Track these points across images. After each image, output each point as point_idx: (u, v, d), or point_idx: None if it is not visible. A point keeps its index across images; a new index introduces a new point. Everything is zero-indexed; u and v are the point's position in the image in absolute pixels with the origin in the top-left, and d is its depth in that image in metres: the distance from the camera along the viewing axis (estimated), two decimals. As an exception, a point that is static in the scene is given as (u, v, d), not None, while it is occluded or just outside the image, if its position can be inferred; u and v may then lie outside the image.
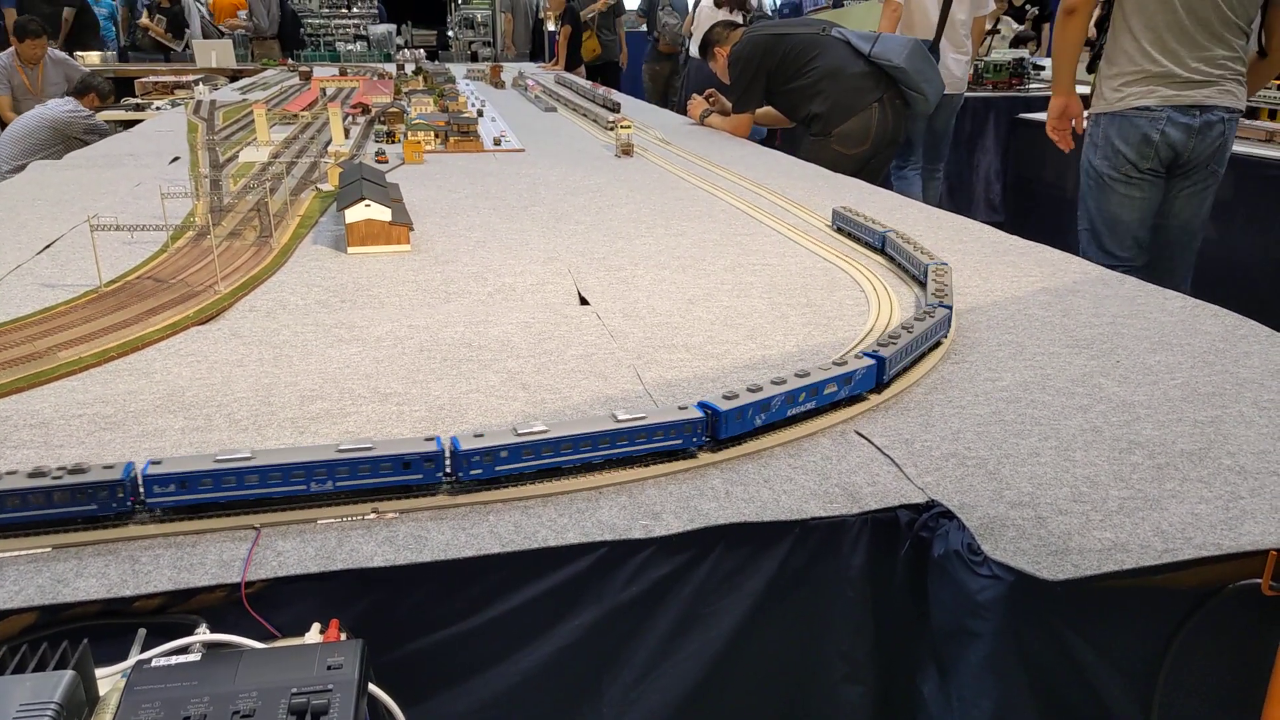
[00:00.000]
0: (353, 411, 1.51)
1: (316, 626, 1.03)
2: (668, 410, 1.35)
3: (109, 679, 0.93)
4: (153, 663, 0.92)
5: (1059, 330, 1.92)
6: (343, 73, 7.56)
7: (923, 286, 2.08)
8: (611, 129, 4.51)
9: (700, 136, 4.82)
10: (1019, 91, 6.94)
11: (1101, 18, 3.66)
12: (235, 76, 8.66)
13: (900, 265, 2.31)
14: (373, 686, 0.95)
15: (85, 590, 1.05)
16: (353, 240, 2.45)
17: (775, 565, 1.23)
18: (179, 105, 6.35)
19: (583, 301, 2.10)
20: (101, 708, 0.88)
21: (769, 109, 4.77)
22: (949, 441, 1.43)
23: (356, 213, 2.44)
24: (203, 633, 1.00)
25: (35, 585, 1.05)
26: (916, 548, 1.25)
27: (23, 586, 1.05)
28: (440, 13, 15.77)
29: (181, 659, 0.93)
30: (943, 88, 4.62)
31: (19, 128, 6.08)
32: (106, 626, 1.04)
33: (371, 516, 1.20)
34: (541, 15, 12.74)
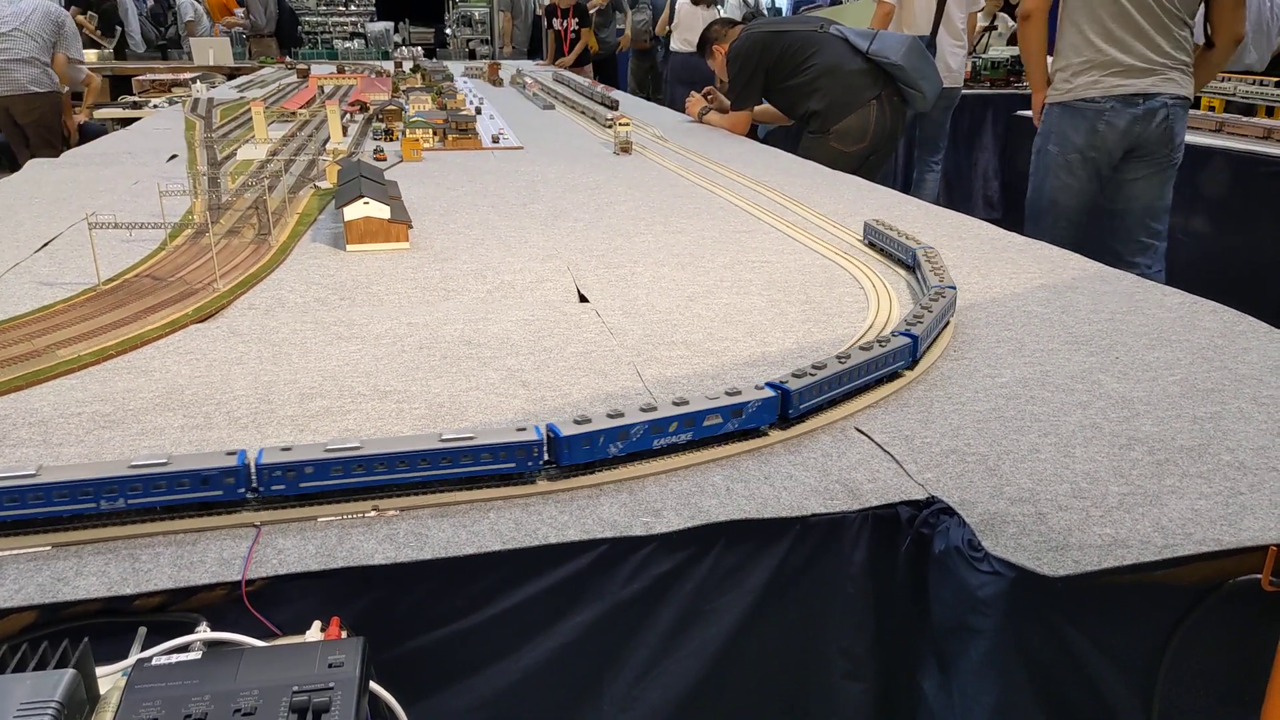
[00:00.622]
0: (352, 409, 1.51)
1: (317, 624, 1.03)
2: (502, 430, 1.26)
3: (110, 677, 0.93)
4: (153, 661, 0.92)
5: (1058, 327, 1.92)
6: (340, 70, 7.55)
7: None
8: (610, 126, 4.51)
9: (699, 134, 4.82)
10: (1016, 89, 6.94)
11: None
12: (233, 74, 8.65)
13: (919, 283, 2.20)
14: (374, 684, 0.95)
15: (85, 589, 1.05)
16: (351, 238, 2.45)
17: (776, 562, 1.23)
18: (176, 103, 6.35)
19: (582, 299, 2.10)
20: (102, 706, 0.88)
21: (767, 106, 4.77)
22: (949, 438, 1.43)
23: (355, 210, 2.44)
24: (203, 631, 1.00)
25: (35, 584, 1.05)
26: (917, 544, 1.25)
27: (23, 585, 1.05)
28: (438, 10, 15.76)
29: (182, 657, 0.92)
30: (940, 85, 4.62)
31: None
32: (107, 625, 1.03)
33: (372, 514, 1.19)
34: (539, 12, 12.80)
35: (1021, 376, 1.67)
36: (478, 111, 5.12)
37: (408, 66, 7.79)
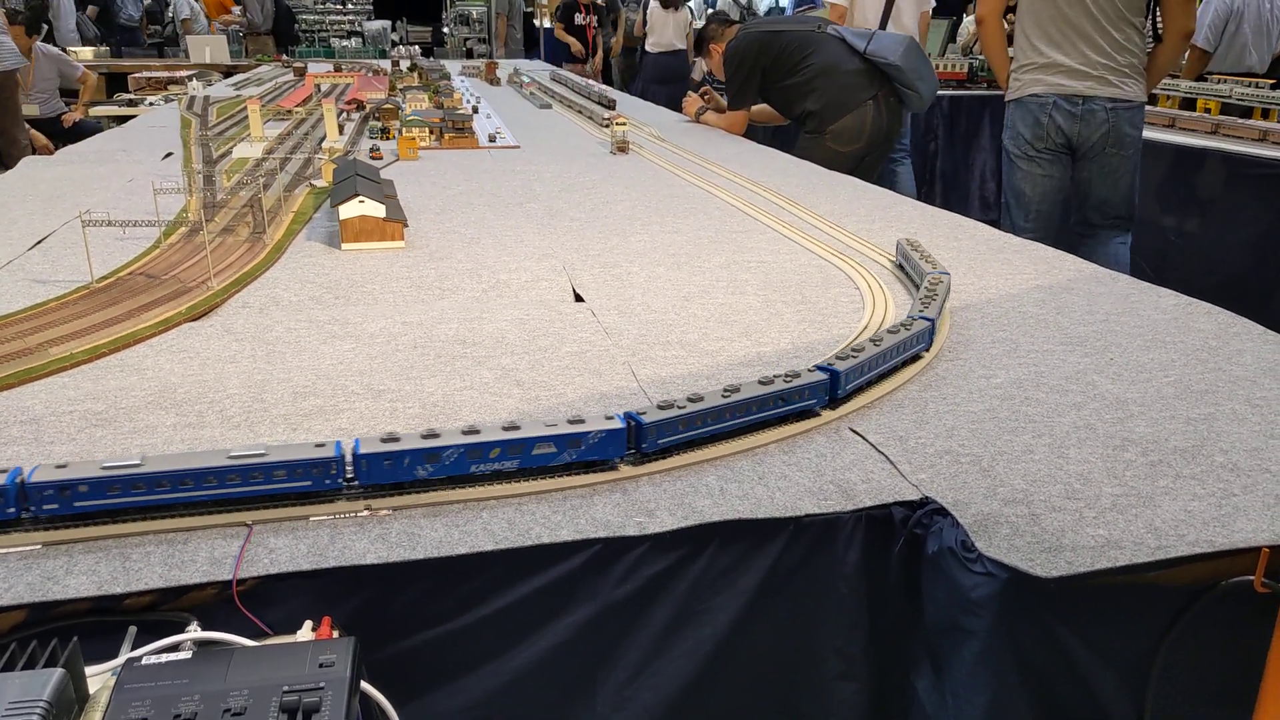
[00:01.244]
0: (346, 408, 1.50)
1: (309, 624, 1.02)
2: (300, 447, 1.20)
3: (99, 677, 0.93)
4: (143, 660, 0.92)
5: (1053, 328, 1.92)
6: (337, 69, 7.53)
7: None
8: (607, 126, 4.50)
9: (695, 134, 4.81)
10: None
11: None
12: (229, 72, 8.63)
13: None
14: (365, 684, 0.95)
15: (75, 588, 1.04)
16: (346, 237, 2.45)
17: (769, 562, 1.23)
18: (172, 101, 6.33)
19: (577, 298, 2.09)
20: (91, 706, 0.88)
21: (764, 107, 4.77)
22: (943, 438, 1.43)
23: (350, 209, 2.43)
24: (194, 630, 1.00)
25: (25, 582, 1.05)
26: (910, 545, 1.25)
27: (12, 584, 1.04)
28: (435, 9, 15.76)
29: (172, 657, 0.92)
30: (937, 86, 4.64)
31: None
32: (97, 624, 1.03)
33: (365, 514, 1.19)
34: (530, 9, 12.92)
35: (1016, 377, 1.67)
36: (474, 110, 5.12)
37: (405, 65, 7.78)
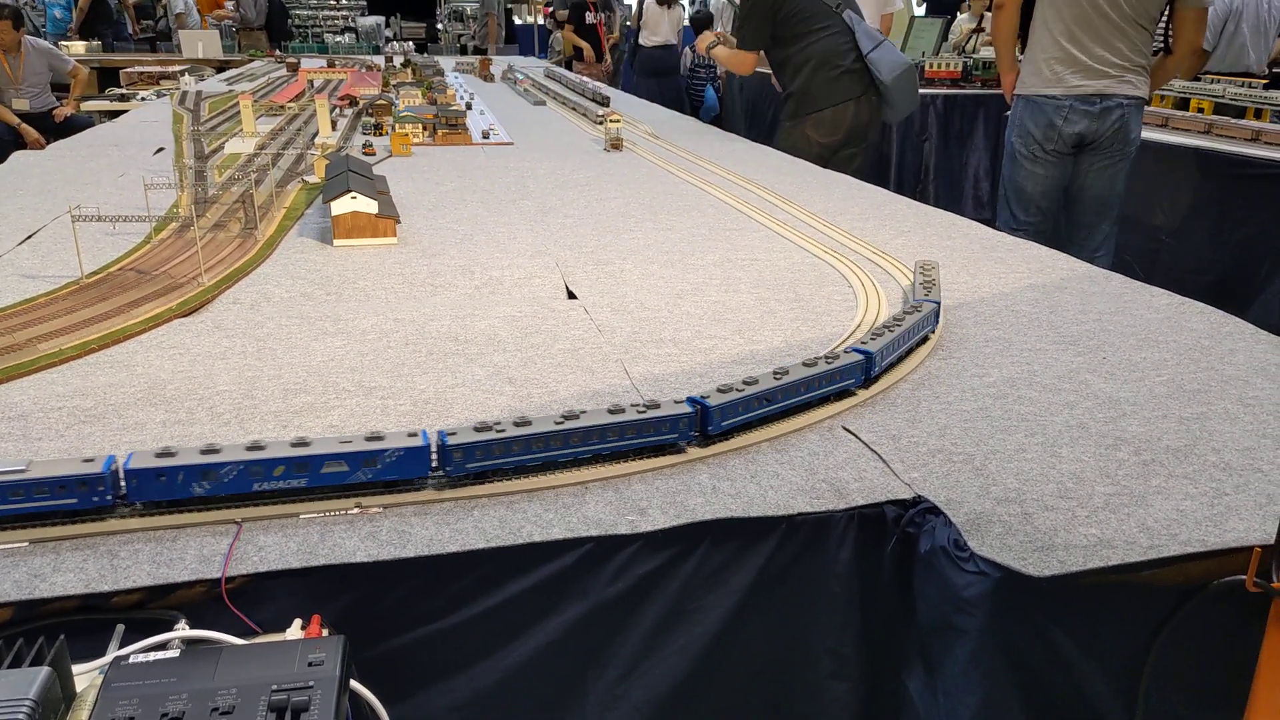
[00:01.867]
0: (337, 405, 1.50)
1: (298, 622, 1.02)
2: (66, 463, 1.13)
3: (86, 675, 0.92)
4: (131, 659, 0.91)
5: (1046, 327, 1.92)
6: (331, 64, 7.51)
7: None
8: (601, 123, 4.50)
9: (689, 132, 4.81)
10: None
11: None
12: (222, 67, 8.61)
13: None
14: (355, 683, 0.94)
15: (63, 585, 1.04)
16: (338, 233, 2.44)
17: (761, 561, 1.23)
18: (165, 96, 6.31)
19: (570, 296, 2.09)
20: (78, 705, 0.87)
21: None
22: (936, 437, 1.43)
23: (342, 205, 2.42)
24: (182, 629, 0.99)
25: (11, 580, 1.04)
26: (903, 544, 1.25)
27: (-1, 581, 1.04)
28: (429, 5, 15.72)
29: (160, 655, 0.92)
30: (915, 106, 4.74)
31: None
32: (84, 622, 1.02)
33: (355, 511, 1.18)
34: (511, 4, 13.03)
35: (1009, 376, 1.66)
36: (468, 107, 5.11)
37: (398, 61, 7.76)
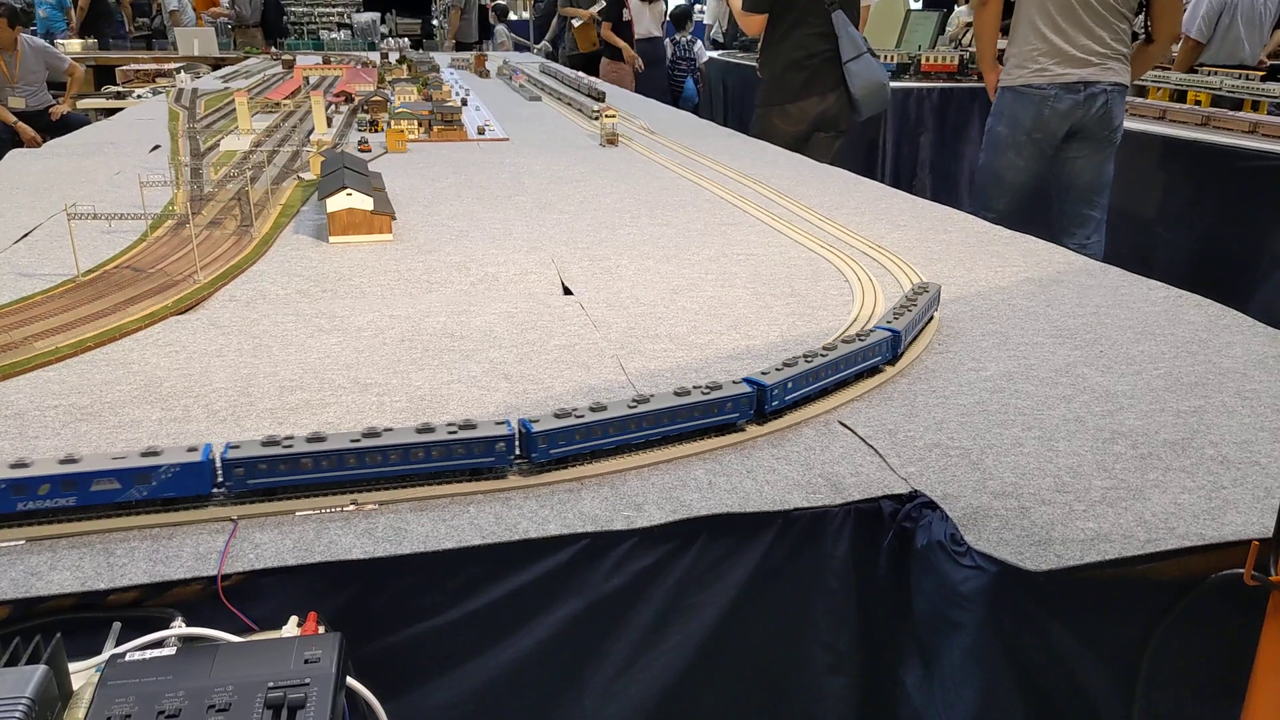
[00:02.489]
0: (332, 402, 1.49)
1: (294, 619, 1.02)
2: None
3: (83, 673, 0.92)
4: (127, 657, 0.91)
5: (1043, 320, 1.92)
6: (326, 61, 7.49)
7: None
8: (596, 118, 4.49)
9: (685, 127, 4.80)
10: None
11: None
12: (218, 65, 8.59)
13: None
14: (351, 680, 0.94)
15: (59, 583, 1.03)
16: (334, 230, 2.43)
17: (758, 556, 1.23)
18: (161, 94, 6.29)
19: (566, 291, 2.08)
20: (75, 703, 0.87)
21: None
22: (932, 431, 1.43)
23: (338, 202, 2.42)
24: (178, 626, 0.99)
25: (8, 578, 1.04)
26: (900, 538, 1.25)
27: (-5, 580, 1.03)
28: (425, 1, 15.69)
29: (156, 653, 0.91)
30: (882, 110, 4.88)
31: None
32: (80, 620, 1.02)
33: (350, 508, 1.18)
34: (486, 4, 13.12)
35: (1006, 370, 1.66)
36: (464, 103, 5.10)
37: (394, 58, 7.74)
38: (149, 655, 0.91)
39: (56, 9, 10.94)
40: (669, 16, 10.65)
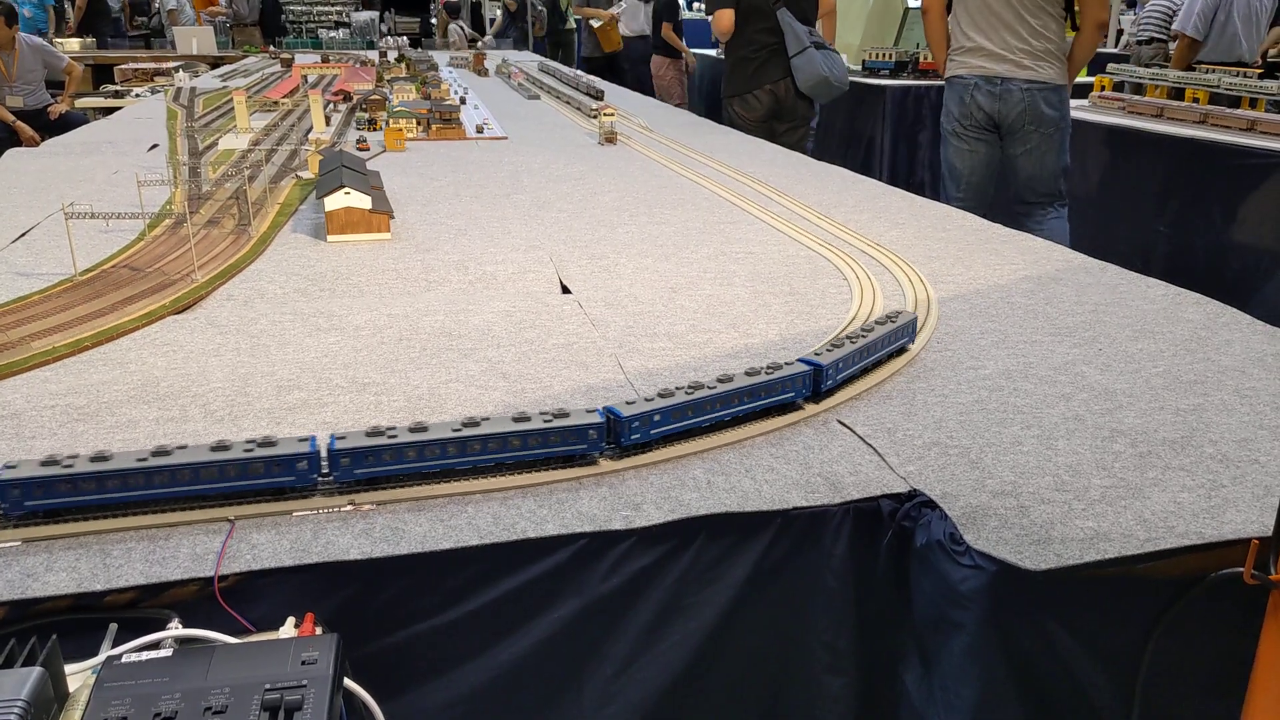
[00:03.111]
0: (330, 401, 1.49)
1: (291, 621, 1.02)
2: None
3: (79, 675, 0.92)
4: (123, 658, 0.91)
5: (1041, 318, 1.92)
6: (325, 60, 7.48)
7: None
8: (595, 117, 4.49)
9: (683, 125, 4.80)
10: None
11: None
12: (216, 63, 8.58)
13: None
14: (348, 681, 0.94)
15: (55, 584, 1.03)
16: (332, 228, 2.43)
17: (757, 556, 1.22)
18: (159, 92, 6.29)
19: (564, 290, 2.08)
20: (71, 705, 0.87)
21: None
22: (931, 430, 1.42)
23: (336, 201, 2.41)
24: (175, 628, 0.99)
25: (4, 579, 1.03)
26: (899, 538, 1.24)
27: (-9, 581, 1.03)
28: (424, 0, 15.69)
29: (153, 655, 0.91)
30: (836, 96, 5.10)
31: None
32: (77, 622, 1.02)
33: (348, 508, 1.18)
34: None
35: (1005, 368, 1.66)
36: (462, 101, 5.09)
37: (392, 56, 7.74)
38: (145, 657, 0.91)
39: (39, 9, 10.92)
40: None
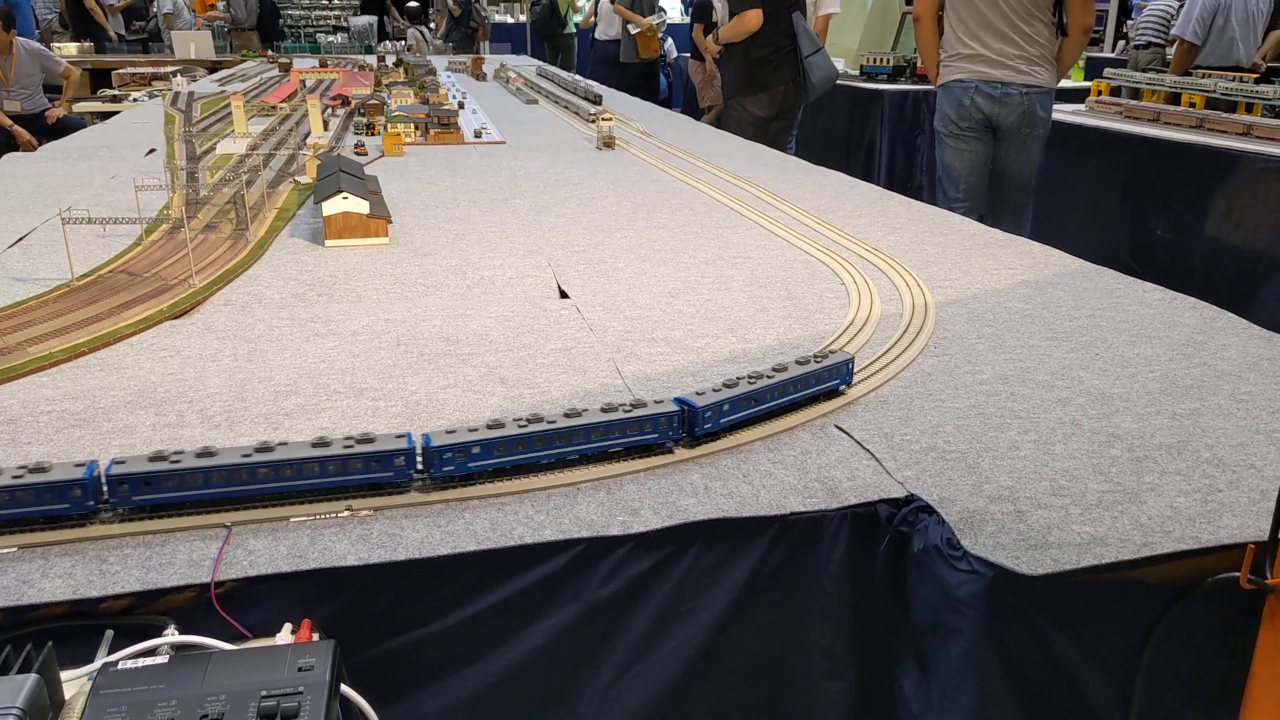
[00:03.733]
0: (328, 407, 1.49)
1: (288, 627, 1.01)
2: None
3: (74, 682, 0.92)
4: (119, 665, 0.90)
5: (1038, 323, 1.92)
6: (323, 64, 7.49)
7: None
8: (593, 121, 4.49)
9: (681, 129, 4.81)
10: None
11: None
12: (214, 68, 8.58)
13: None
14: (345, 688, 0.94)
15: (51, 591, 1.03)
16: (330, 233, 2.43)
17: (754, 561, 1.22)
18: (157, 97, 6.29)
19: (562, 295, 2.08)
20: (67, 712, 0.87)
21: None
22: (929, 435, 1.42)
23: (334, 205, 2.41)
24: (171, 634, 0.99)
25: None
26: (896, 542, 1.24)
27: (-13, 588, 1.03)
28: (422, 4, 15.68)
29: (149, 661, 0.91)
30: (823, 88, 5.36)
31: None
32: (72, 628, 1.02)
33: (345, 514, 1.18)
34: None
35: (1001, 373, 1.66)
36: (460, 106, 5.09)
37: (390, 60, 7.74)
38: (141, 664, 0.91)
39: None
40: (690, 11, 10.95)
